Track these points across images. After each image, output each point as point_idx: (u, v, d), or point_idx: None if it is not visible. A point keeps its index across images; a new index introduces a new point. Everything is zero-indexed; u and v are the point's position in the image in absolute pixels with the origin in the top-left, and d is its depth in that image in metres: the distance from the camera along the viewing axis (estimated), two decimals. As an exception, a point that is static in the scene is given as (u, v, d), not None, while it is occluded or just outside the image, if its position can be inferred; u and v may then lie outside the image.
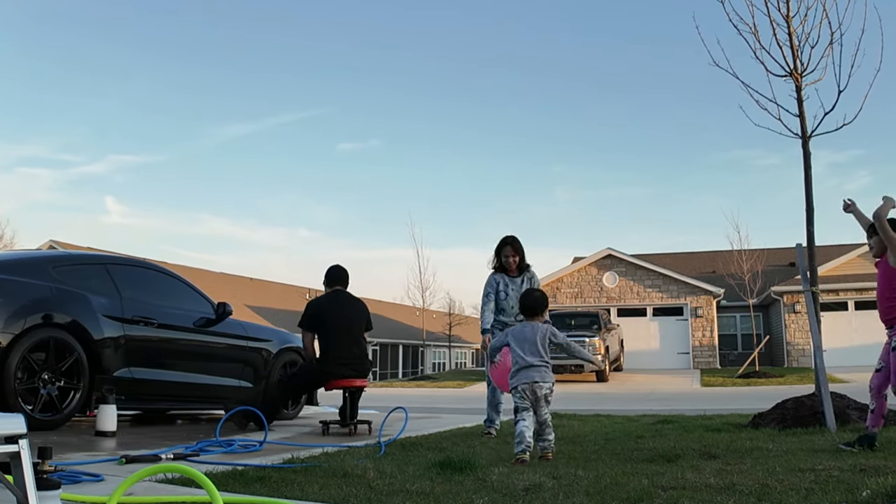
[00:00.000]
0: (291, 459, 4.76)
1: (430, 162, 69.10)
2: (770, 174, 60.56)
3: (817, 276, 7.27)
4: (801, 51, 7.38)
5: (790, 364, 27.86)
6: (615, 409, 10.86)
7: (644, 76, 61.19)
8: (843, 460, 4.50)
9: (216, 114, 64.76)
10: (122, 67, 59.28)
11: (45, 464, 2.65)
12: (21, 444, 2.40)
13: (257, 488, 3.67)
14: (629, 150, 64.14)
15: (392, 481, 3.94)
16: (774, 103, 7.43)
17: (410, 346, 47.86)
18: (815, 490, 3.58)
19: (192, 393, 7.56)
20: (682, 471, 4.28)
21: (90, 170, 62.69)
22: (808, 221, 7.27)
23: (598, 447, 5.67)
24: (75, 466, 4.07)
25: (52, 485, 2.61)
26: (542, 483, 3.87)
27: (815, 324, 6.90)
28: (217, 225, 67.77)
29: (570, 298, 30.70)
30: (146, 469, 2.77)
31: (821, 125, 7.25)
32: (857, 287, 27.09)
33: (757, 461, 4.65)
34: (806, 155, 7.33)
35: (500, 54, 63.00)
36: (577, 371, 21.76)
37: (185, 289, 7.84)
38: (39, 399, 5.99)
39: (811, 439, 5.70)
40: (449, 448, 5.49)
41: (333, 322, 7.07)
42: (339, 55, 63.71)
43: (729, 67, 7.59)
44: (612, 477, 4.07)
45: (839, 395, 6.96)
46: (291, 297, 43.67)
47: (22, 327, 5.91)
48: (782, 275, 31.06)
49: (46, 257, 7.08)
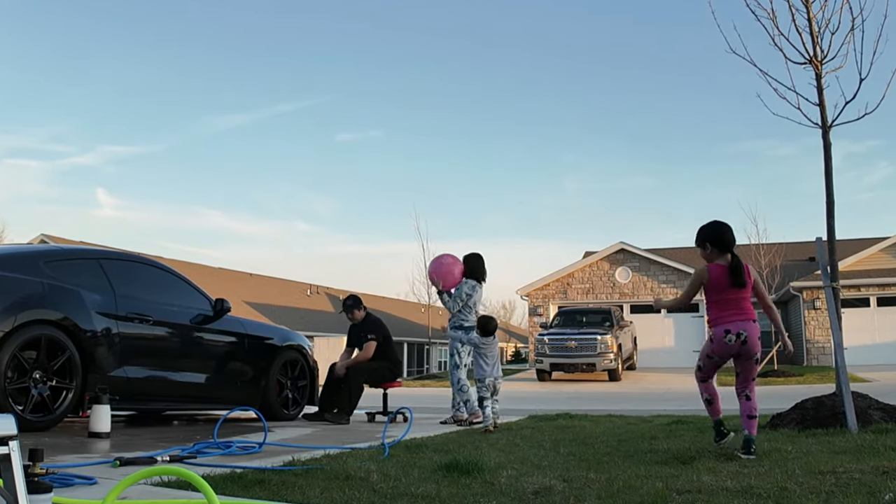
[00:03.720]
0: (292, 462, 4.76)
1: (434, 153, 69.25)
2: (786, 165, 60.53)
3: (838, 272, 7.23)
4: (821, 37, 7.34)
5: (810, 362, 27.79)
6: (628, 410, 10.85)
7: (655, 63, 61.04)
8: (864, 462, 4.49)
9: (211, 103, 64.91)
10: (112, 54, 59.37)
11: (36, 466, 2.66)
12: (11, 445, 2.40)
13: (257, 492, 3.67)
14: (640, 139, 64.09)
15: (396, 484, 3.94)
16: (794, 92, 7.39)
17: (416, 344, 47.90)
18: (835, 493, 3.57)
19: (189, 393, 7.57)
20: (697, 473, 4.28)
21: (80, 161, 62.92)
22: (828, 214, 7.24)
23: (610, 449, 5.67)
24: (67, 469, 4.07)
25: (44, 488, 2.62)
26: (553, 486, 3.87)
27: (835, 321, 6.88)
28: (212, 218, 67.99)
29: (582, 294, 30.66)
30: (141, 472, 2.77)
31: (842, 114, 7.22)
32: (879, 282, 27.00)
33: (775, 463, 4.64)
34: (826, 145, 7.29)
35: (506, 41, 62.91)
36: (589, 370, 21.76)
37: (182, 284, 7.84)
38: (30, 399, 6.01)
39: (832, 441, 5.68)
40: (455, 450, 5.49)
41: (391, 336, 9.20)
42: (338, 42, 63.79)
43: (746, 55, 7.55)
44: (624, 480, 4.07)
45: (861, 395, 6.94)
46: (292, 293, 43.77)
47: (12, 325, 5.92)
48: (802, 270, 30.95)
49: (37, 252, 7.09)
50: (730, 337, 5.09)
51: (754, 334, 5.13)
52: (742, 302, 5.16)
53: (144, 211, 64.64)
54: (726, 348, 5.13)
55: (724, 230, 5.28)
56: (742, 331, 5.09)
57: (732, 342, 5.10)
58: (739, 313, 5.12)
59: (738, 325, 5.10)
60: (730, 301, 5.14)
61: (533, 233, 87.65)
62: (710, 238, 5.27)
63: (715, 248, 5.24)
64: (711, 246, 5.26)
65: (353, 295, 9.39)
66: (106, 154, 63.26)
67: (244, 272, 43.59)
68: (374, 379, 8.96)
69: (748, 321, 5.13)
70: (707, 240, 5.28)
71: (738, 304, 5.14)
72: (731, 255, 5.21)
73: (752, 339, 5.12)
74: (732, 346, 5.10)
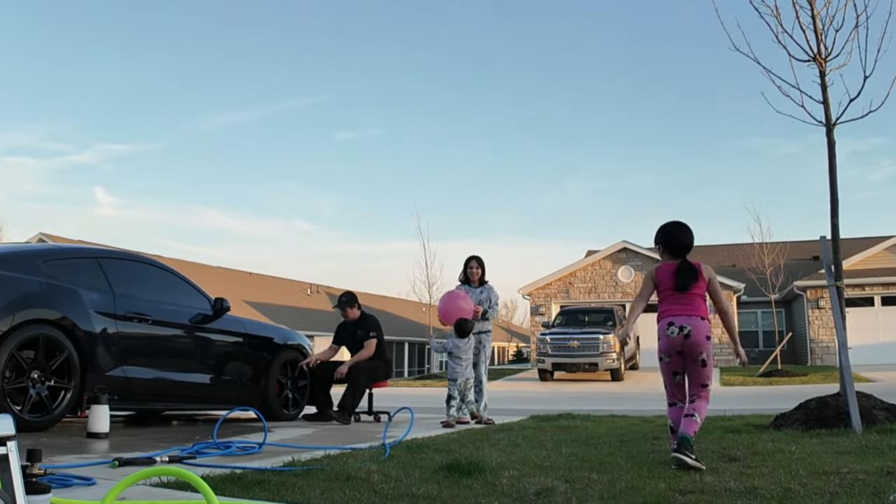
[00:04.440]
0: (292, 462, 4.76)
1: (434, 152, 69.21)
2: (790, 163, 60.55)
3: (842, 271, 7.23)
4: (825, 34, 7.34)
5: (814, 362, 27.79)
6: (630, 410, 10.85)
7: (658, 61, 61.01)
8: (868, 463, 4.48)
9: (210, 101, 64.92)
10: (111, 52, 59.36)
11: (34, 467, 2.66)
12: (9, 446, 2.40)
13: (256, 492, 3.67)
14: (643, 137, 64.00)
15: (397, 485, 3.94)
16: (797, 89, 7.39)
17: (417, 344, 47.92)
18: (839, 494, 3.57)
19: (188, 393, 7.57)
20: (700, 474, 4.28)
21: (79, 159, 62.96)
22: (832, 213, 7.24)
23: (612, 449, 5.67)
24: (66, 469, 4.07)
25: (42, 489, 2.62)
26: (555, 487, 3.87)
27: (839, 320, 6.87)
28: (211, 217, 68.01)
29: (584, 294, 30.67)
30: (140, 472, 2.77)
31: (846, 112, 7.21)
32: (884, 282, 27.01)
33: (779, 464, 4.64)
34: (830, 143, 7.29)
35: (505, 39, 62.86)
36: (591, 370, 21.76)
37: (181, 284, 7.85)
38: (28, 399, 6.01)
39: (836, 441, 5.68)
40: (457, 450, 5.48)
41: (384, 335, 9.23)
42: (336, 39, 63.80)
43: (750, 52, 7.55)
44: (627, 481, 4.07)
45: (865, 395, 6.94)
46: (293, 292, 43.79)
47: (10, 324, 5.92)
48: (805, 269, 30.95)
49: (35, 251, 7.08)
50: (672, 329, 4.92)
51: (700, 331, 4.89)
52: (692, 298, 4.99)
53: (143, 209, 64.79)
54: (670, 342, 4.94)
55: (676, 233, 5.18)
56: (686, 325, 4.89)
57: (675, 335, 4.90)
58: (685, 308, 4.95)
59: (682, 319, 4.91)
60: (675, 296, 5.01)
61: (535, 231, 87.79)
62: (661, 240, 5.23)
63: (666, 251, 5.19)
64: (663, 248, 5.22)
65: (349, 292, 9.36)
66: (105, 152, 63.44)
67: (244, 271, 43.63)
68: (372, 378, 8.99)
69: (694, 317, 4.93)
70: (660, 243, 5.24)
71: (685, 300, 4.98)
72: (681, 260, 5.10)
73: (696, 335, 4.88)
74: (675, 339, 4.91)
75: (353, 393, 8.58)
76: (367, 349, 8.89)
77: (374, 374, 8.98)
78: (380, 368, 9.05)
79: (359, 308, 9.24)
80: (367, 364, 8.85)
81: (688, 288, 4.98)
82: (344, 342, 9.21)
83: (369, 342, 8.91)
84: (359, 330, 9.07)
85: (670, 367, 5.04)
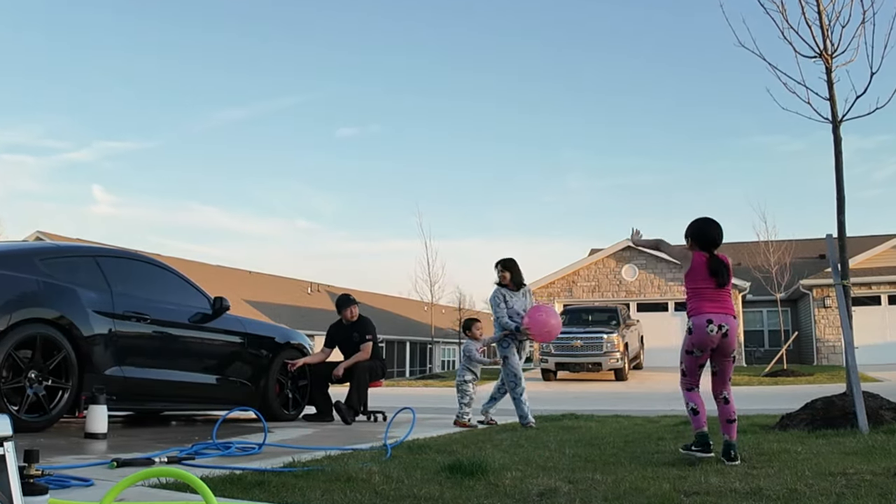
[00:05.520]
0: (292, 463, 4.76)
1: (436, 148, 69.14)
2: (795, 161, 60.43)
3: (848, 269, 7.23)
4: (831, 30, 7.34)
5: (820, 362, 27.77)
6: (634, 410, 10.84)
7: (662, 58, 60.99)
8: (875, 463, 4.48)
9: (208, 98, 64.76)
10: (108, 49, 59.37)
11: (31, 468, 2.66)
12: (6, 446, 2.40)
13: (256, 493, 3.67)
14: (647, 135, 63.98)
15: (399, 486, 3.94)
16: (803, 86, 7.40)
17: (418, 343, 47.91)
18: (846, 495, 3.57)
19: (187, 392, 7.58)
20: (705, 475, 4.28)
21: (76, 157, 62.89)
22: (838, 211, 7.23)
23: (616, 450, 5.67)
24: (63, 470, 4.07)
25: (39, 490, 2.62)
26: (558, 488, 3.87)
27: (846, 319, 6.87)
28: (211, 215, 67.96)
29: (587, 293, 30.65)
30: (138, 473, 2.78)
31: (852, 109, 7.21)
32: (891, 280, 26.98)
33: (785, 464, 4.64)
34: (837, 140, 7.29)
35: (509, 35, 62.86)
36: (595, 369, 21.75)
37: (180, 282, 7.85)
38: (26, 399, 6.01)
39: (842, 441, 5.68)
40: (459, 451, 5.49)
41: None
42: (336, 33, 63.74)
43: (755, 48, 7.55)
44: (631, 481, 4.07)
45: (872, 395, 6.94)
46: (293, 291, 43.79)
47: (7, 323, 5.92)
48: (812, 267, 30.93)
49: (33, 249, 7.09)
50: (711, 327, 5.07)
51: (734, 330, 5.16)
52: (724, 295, 5.20)
53: (141, 207, 64.69)
54: (707, 339, 5.10)
55: (705, 228, 5.32)
56: (724, 323, 5.09)
57: (714, 333, 5.07)
58: (721, 306, 5.14)
59: (720, 317, 5.09)
60: (711, 293, 5.16)
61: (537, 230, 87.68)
62: (692, 234, 5.34)
63: (696, 244, 5.30)
64: (693, 241, 5.33)
65: (348, 294, 9.49)
66: (102, 150, 63.33)
67: (243, 270, 43.62)
68: (372, 377, 9.04)
69: (729, 315, 5.15)
70: (690, 235, 5.35)
71: (719, 297, 5.17)
72: (710, 255, 5.23)
73: (732, 333, 5.13)
74: (713, 336, 5.08)
75: (359, 391, 8.64)
76: (364, 352, 8.92)
77: (374, 374, 9.03)
78: (377, 368, 9.11)
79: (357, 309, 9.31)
80: (369, 364, 8.90)
81: (727, 283, 5.19)
82: (338, 344, 9.24)
83: (365, 345, 8.95)
84: (355, 332, 9.08)
85: (698, 361, 5.25)
